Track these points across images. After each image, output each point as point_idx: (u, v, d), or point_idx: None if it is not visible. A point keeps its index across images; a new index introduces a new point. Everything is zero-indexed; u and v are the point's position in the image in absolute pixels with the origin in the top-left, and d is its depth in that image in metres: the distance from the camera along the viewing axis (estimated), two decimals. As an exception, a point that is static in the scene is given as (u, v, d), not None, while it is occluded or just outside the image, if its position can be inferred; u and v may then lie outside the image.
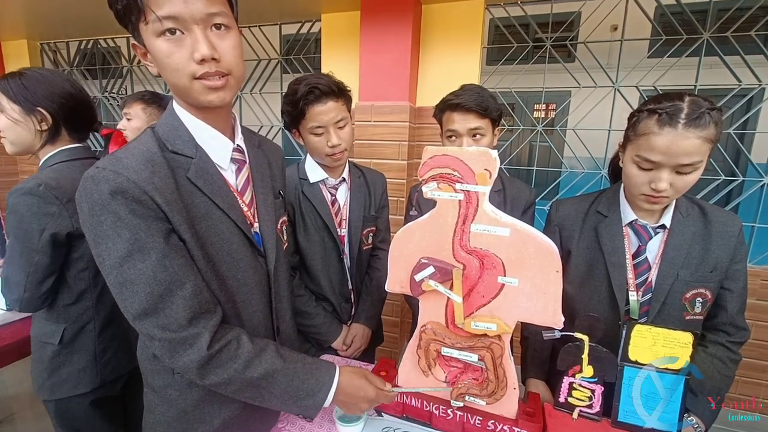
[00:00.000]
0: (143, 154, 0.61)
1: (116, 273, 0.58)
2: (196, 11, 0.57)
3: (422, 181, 0.76)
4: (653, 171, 0.79)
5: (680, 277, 0.85)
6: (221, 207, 0.68)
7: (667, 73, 1.89)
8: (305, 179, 1.18)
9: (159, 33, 0.57)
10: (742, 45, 1.80)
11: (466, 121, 1.11)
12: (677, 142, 0.74)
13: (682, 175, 0.77)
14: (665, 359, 0.75)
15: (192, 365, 0.61)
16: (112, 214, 0.56)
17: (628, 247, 0.91)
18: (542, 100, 2.09)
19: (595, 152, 2.13)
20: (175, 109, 0.68)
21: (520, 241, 0.71)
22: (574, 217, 1.00)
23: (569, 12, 2.12)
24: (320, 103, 1.05)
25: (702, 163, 0.76)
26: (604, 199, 0.97)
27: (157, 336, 0.60)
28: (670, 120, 0.75)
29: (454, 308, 0.77)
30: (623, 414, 0.78)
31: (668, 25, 1.96)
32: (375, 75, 2.03)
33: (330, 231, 1.18)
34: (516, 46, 2.14)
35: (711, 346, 0.88)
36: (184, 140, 0.66)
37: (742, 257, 0.86)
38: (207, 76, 0.60)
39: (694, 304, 0.85)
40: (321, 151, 1.11)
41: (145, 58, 0.63)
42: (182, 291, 0.60)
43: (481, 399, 0.78)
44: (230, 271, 0.70)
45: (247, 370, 0.64)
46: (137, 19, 0.58)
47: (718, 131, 0.75)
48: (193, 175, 0.65)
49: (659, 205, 0.83)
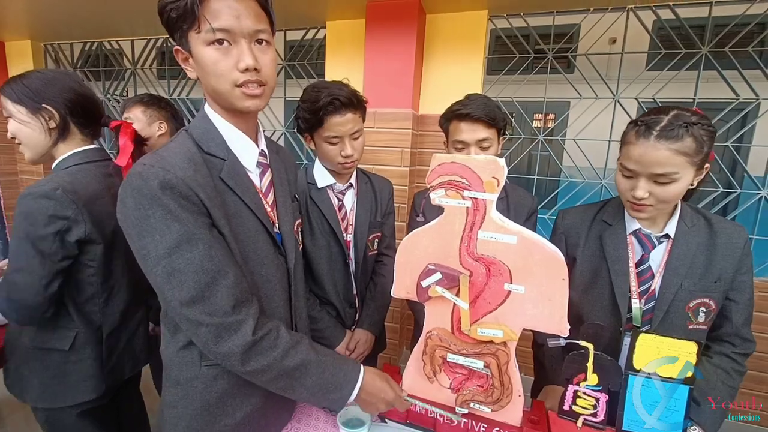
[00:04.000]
0: (185, 153, 0.66)
1: (165, 263, 0.61)
2: (245, 27, 0.63)
3: (430, 187, 0.77)
4: (633, 179, 0.83)
5: (684, 287, 0.86)
6: (250, 206, 0.72)
7: (666, 87, 1.93)
8: (313, 184, 1.19)
9: (209, 42, 0.63)
10: (739, 60, 1.84)
11: (474, 131, 1.12)
12: (648, 153, 0.78)
13: (660, 185, 0.80)
14: (665, 359, 0.75)
15: (237, 350, 0.64)
16: (162, 208, 0.60)
17: (631, 255, 0.92)
18: (543, 110, 2.11)
19: (595, 162, 2.15)
20: (207, 114, 0.73)
21: (526, 249, 0.72)
22: (580, 226, 1.01)
23: (570, 24, 2.15)
24: (339, 114, 1.06)
25: (679, 175, 0.78)
26: (610, 208, 0.98)
27: (205, 321, 0.63)
28: (645, 131, 0.79)
29: (460, 315, 0.78)
30: (627, 423, 0.78)
31: (667, 38, 1.99)
32: (379, 82, 2.05)
33: (336, 236, 1.19)
34: (518, 56, 2.17)
35: (716, 357, 0.89)
36: (217, 143, 0.71)
37: (748, 269, 0.87)
38: (247, 84, 0.66)
39: (698, 313, 0.85)
40: (334, 159, 1.12)
41: (186, 63, 0.68)
42: (226, 280, 0.64)
43: (486, 406, 0.78)
44: (256, 267, 0.74)
45: (285, 359, 0.68)
46: (189, 27, 0.63)
47: (698, 145, 0.77)
48: (225, 175, 0.70)
49: (644, 214, 0.85)
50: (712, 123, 0.82)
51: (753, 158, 2.37)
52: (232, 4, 0.62)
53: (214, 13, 0.61)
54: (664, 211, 0.89)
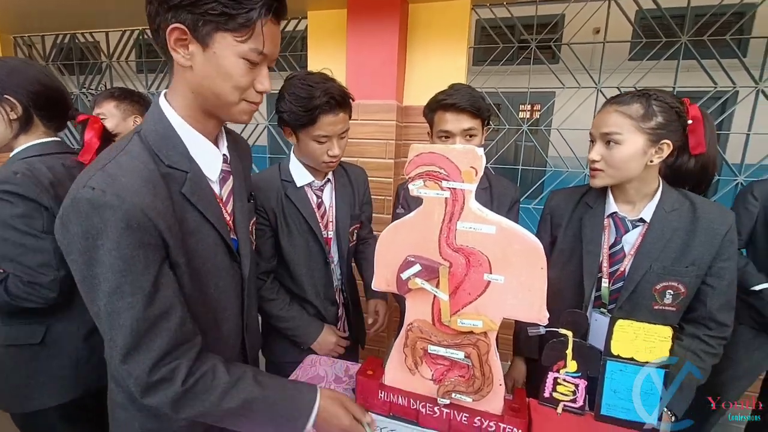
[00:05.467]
0: (140, 172, 0.59)
1: (107, 301, 0.56)
2: (275, 55, 0.66)
3: (408, 178, 0.76)
4: (593, 145, 0.94)
5: (653, 269, 0.88)
6: (211, 221, 0.69)
7: (647, 76, 1.94)
8: (289, 182, 1.13)
9: (243, 56, 0.60)
10: (717, 49, 1.86)
11: (459, 121, 1.12)
12: (600, 116, 0.92)
13: (609, 148, 0.89)
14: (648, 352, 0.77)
15: (166, 401, 0.61)
16: (113, 242, 0.54)
17: (606, 237, 0.95)
18: (527, 100, 2.12)
19: (579, 152, 2.17)
20: (166, 114, 0.65)
21: (505, 239, 0.72)
22: (565, 207, 1.05)
23: (553, 14, 2.15)
24: (333, 114, 1.03)
25: (623, 137, 0.86)
26: (594, 191, 1.01)
27: (134, 374, 0.59)
28: (605, 103, 0.93)
29: (440, 306, 0.77)
30: (606, 407, 0.80)
31: (648, 28, 2.01)
32: (362, 73, 2.03)
33: (315, 235, 1.16)
34: (502, 46, 2.16)
35: (687, 339, 0.91)
36: (179, 152, 0.65)
37: (730, 255, 0.88)
38: (254, 102, 0.67)
39: (664, 295, 0.88)
40: (319, 158, 1.07)
41: (181, 45, 0.59)
42: (168, 323, 0.60)
43: (467, 396, 0.78)
44: (213, 280, 0.71)
45: (224, 401, 0.64)
46: (228, 28, 0.58)
47: (646, 112, 0.86)
48: (188, 190, 0.65)
49: (597, 180, 0.92)
50: (680, 105, 0.85)
51: (731, 145, 2.42)
52: (277, 35, 0.65)
53: (268, 38, 0.61)
54: (630, 182, 0.91)
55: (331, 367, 1.05)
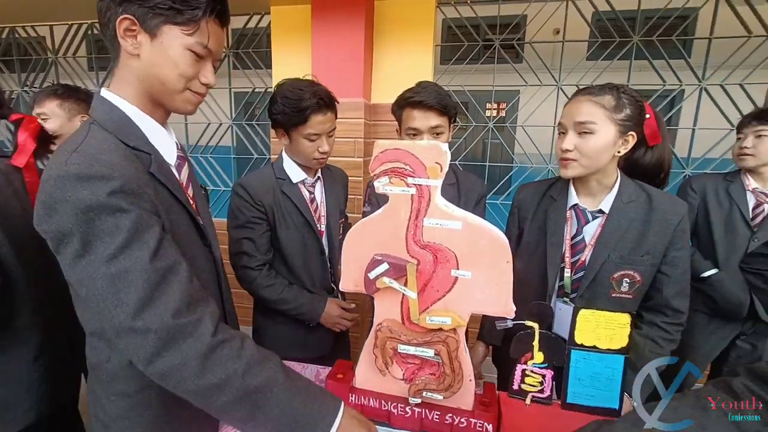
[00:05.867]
0: (116, 150, 0.61)
1: (107, 268, 0.55)
2: (219, 53, 0.70)
3: (374, 175, 0.75)
4: (563, 136, 0.94)
5: (611, 259, 0.91)
6: (181, 201, 0.70)
7: (603, 74, 2.03)
8: (284, 179, 1.21)
9: (190, 48, 0.64)
10: (665, 50, 1.97)
11: (426, 118, 1.14)
12: (573, 106, 0.92)
13: (582, 138, 0.89)
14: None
15: (193, 355, 0.55)
16: (109, 209, 0.55)
17: (569, 228, 0.98)
18: (492, 98, 2.17)
19: (542, 148, 2.24)
20: (116, 104, 0.66)
21: (472, 234, 0.72)
22: (531, 200, 1.08)
23: (515, 15, 2.21)
24: (322, 114, 1.11)
25: (597, 126, 0.87)
26: (558, 184, 1.04)
27: (154, 326, 0.55)
28: (575, 93, 0.95)
29: (409, 304, 0.77)
30: (572, 396, 0.82)
31: (604, 29, 2.10)
32: (328, 71, 1.99)
33: (311, 227, 1.22)
34: (467, 44, 2.19)
35: (645, 327, 0.95)
36: (138, 137, 0.67)
37: (683, 245, 0.93)
38: (198, 93, 0.70)
39: (621, 283, 0.91)
40: (310, 156, 1.15)
41: (130, 35, 0.62)
42: (178, 276, 0.59)
43: (438, 393, 0.77)
44: (191, 261, 0.68)
45: (248, 375, 0.58)
46: (174, 22, 0.62)
47: (617, 103, 0.88)
48: (155, 170, 0.66)
49: (570, 170, 0.92)
50: (642, 100, 0.90)
51: (679, 140, 2.58)
52: (221, 36, 0.69)
53: (213, 36, 0.66)
54: (594, 174, 0.93)
55: (301, 372, 1.02)
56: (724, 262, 1.40)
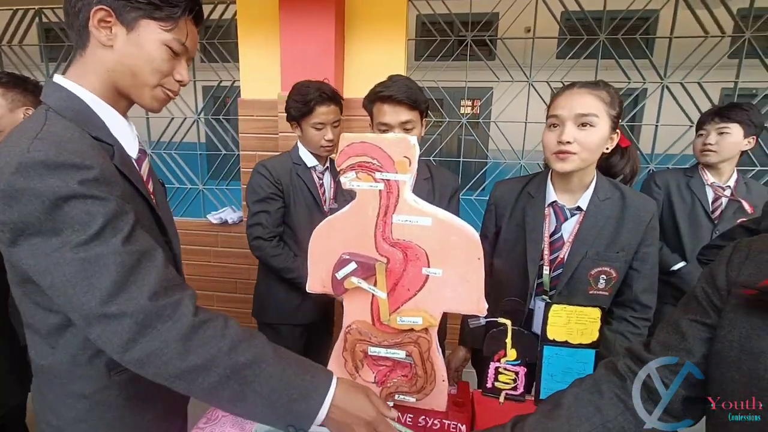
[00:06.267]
0: (82, 139, 0.59)
1: (76, 255, 0.52)
2: (194, 52, 0.71)
3: (340, 170, 0.71)
4: (559, 127, 0.89)
5: (588, 255, 0.91)
6: (143, 194, 0.68)
7: (571, 72, 2.07)
8: (299, 164, 1.41)
9: (166, 43, 0.64)
10: (631, 50, 2.03)
11: (397, 113, 1.12)
12: (573, 97, 0.89)
13: (583, 130, 0.86)
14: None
15: (175, 337, 0.53)
16: (81, 197, 0.52)
17: (547, 226, 0.96)
18: (465, 94, 2.17)
19: (516, 144, 2.26)
20: (76, 93, 0.63)
21: (442, 231, 0.69)
22: (508, 197, 1.06)
23: (487, 12, 2.21)
24: (325, 105, 1.32)
25: (598, 119, 0.86)
26: (535, 181, 1.03)
27: (130, 310, 0.52)
28: (570, 86, 0.93)
29: (379, 305, 0.73)
30: (545, 392, 0.81)
31: (572, 28, 2.14)
32: (298, 64, 1.92)
33: (319, 207, 1.42)
34: (439, 39, 2.18)
35: (615, 322, 0.96)
36: (99, 127, 0.64)
37: (652, 241, 0.94)
38: (171, 91, 0.69)
39: (598, 280, 0.91)
40: (318, 143, 1.36)
41: (105, 26, 0.61)
42: (153, 261, 0.57)
43: (410, 396, 0.75)
44: None
45: (234, 352, 0.55)
46: (155, 17, 0.62)
47: (611, 99, 0.87)
48: (118, 161, 0.64)
49: (568, 164, 0.87)
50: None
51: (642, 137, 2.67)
52: (196, 36, 0.70)
53: (190, 34, 0.67)
54: (583, 170, 0.91)
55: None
56: (691, 254, 1.45)
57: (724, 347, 0.45)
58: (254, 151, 2.16)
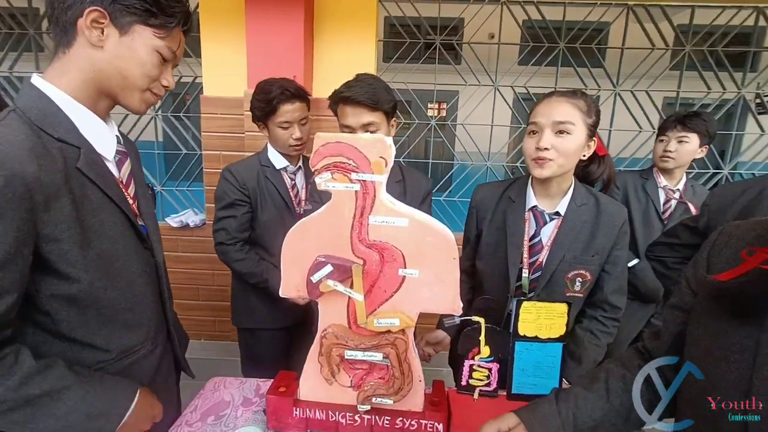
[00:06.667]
0: (22, 142, 0.56)
1: None
2: (180, 59, 0.74)
3: (315, 171, 0.69)
4: (538, 134, 0.92)
5: (565, 259, 0.95)
6: (114, 199, 0.67)
7: (534, 78, 2.17)
8: (268, 166, 1.37)
9: (157, 49, 0.66)
10: (588, 59, 2.16)
11: (358, 115, 1.07)
12: (552, 105, 0.92)
13: (560, 137, 0.89)
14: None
15: None
16: None
17: (527, 230, 0.99)
18: (434, 97, 2.20)
19: (482, 146, 2.33)
20: (47, 92, 0.63)
21: (418, 231, 0.70)
22: (489, 201, 1.07)
23: (454, 17, 2.27)
24: (290, 103, 1.29)
25: (575, 127, 0.89)
26: (516, 185, 1.05)
27: None
28: (550, 95, 0.96)
29: (356, 307, 0.72)
30: (517, 386, 0.84)
31: (534, 36, 2.24)
32: (265, 61, 1.86)
33: (290, 210, 1.38)
34: (408, 42, 2.20)
35: (586, 320, 1.01)
36: (67, 128, 0.63)
37: (623, 245, 0.99)
38: (157, 95, 0.72)
39: (575, 282, 0.95)
40: (286, 143, 1.32)
41: (97, 27, 0.62)
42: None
43: (388, 398, 0.74)
44: (125, 264, 0.69)
45: (24, 387, 0.56)
46: (149, 23, 0.64)
47: (589, 108, 0.91)
48: (83, 165, 0.63)
49: (546, 170, 0.90)
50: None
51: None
52: (183, 43, 0.73)
53: (179, 41, 0.70)
54: (561, 176, 0.95)
55: (238, 389, 0.93)
56: (643, 252, 1.55)
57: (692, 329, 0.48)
58: (218, 150, 2.07)
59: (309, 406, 0.77)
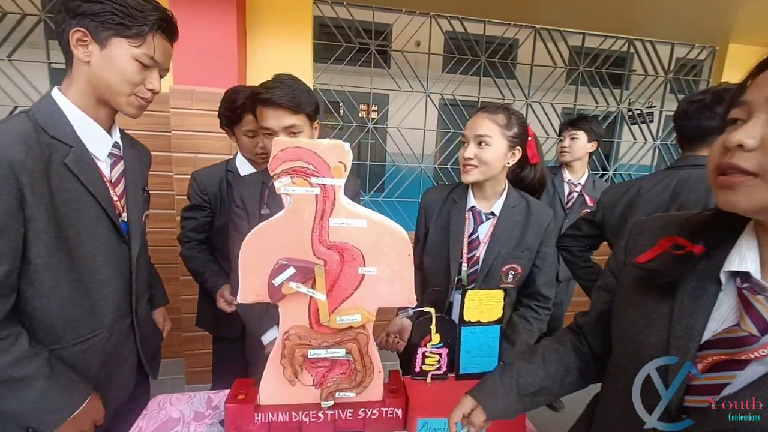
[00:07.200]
0: (16, 132, 0.66)
1: None
2: (167, 64, 0.81)
3: (274, 175, 0.70)
4: (466, 145, 1.07)
5: (500, 254, 1.07)
6: (93, 194, 0.75)
7: (460, 87, 2.37)
8: (232, 171, 1.38)
9: (137, 58, 0.74)
10: (505, 72, 2.42)
11: (278, 117, 1.02)
12: (474, 121, 1.06)
13: (481, 148, 1.03)
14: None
15: None
16: None
17: (467, 228, 1.10)
18: (371, 100, 2.27)
19: (416, 149, 2.46)
20: (56, 100, 0.75)
21: (376, 231, 0.74)
22: (435, 202, 1.18)
23: (386, 24, 2.35)
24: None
25: (492, 139, 1.02)
26: (459, 189, 1.16)
27: None
28: (477, 110, 1.09)
29: (318, 307, 0.75)
30: (464, 367, 0.93)
31: (458, 46, 2.43)
32: (193, 55, 1.74)
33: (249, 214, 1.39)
34: (345, 45, 2.23)
35: (522, 309, 1.16)
36: (65, 129, 0.73)
37: (550, 243, 1.14)
38: (144, 98, 0.79)
39: (508, 275, 1.09)
40: (251, 151, 1.33)
41: (82, 45, 0.72)
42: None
43: (350, 392, 0.78)
44: (90, 252, 0.75)
45: (12, 367, 0.65)
46: (124, 36, 0.72)
47: (508, 121, 1.04)
48: (71, 162, 0.72)
49: (470, 176, 1.05)
50: (526, 123, 1.09)
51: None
52: (168, 49, 0.80)
53: (159, 49, 0.77)
54: (488, 180, 1.07)
55: (186, 404, 0.88)
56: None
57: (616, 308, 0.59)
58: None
59: (271, 409, 0.77)
